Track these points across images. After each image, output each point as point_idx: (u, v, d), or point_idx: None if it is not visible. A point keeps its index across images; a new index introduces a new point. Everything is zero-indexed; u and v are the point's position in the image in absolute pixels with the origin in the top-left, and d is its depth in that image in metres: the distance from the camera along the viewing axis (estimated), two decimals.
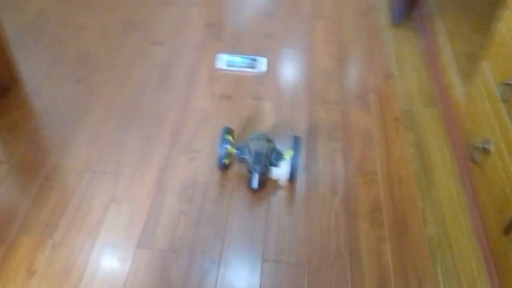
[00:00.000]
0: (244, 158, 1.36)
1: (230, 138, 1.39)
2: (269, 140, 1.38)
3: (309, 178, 1.42)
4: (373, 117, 1.63)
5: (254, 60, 1.82)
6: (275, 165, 1.37)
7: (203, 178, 1.40)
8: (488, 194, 1.23)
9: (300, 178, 1.42)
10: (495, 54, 1.25)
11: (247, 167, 1.36)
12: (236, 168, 1.43)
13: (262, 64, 1.80)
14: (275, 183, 1.41)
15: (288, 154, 1.38)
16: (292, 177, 1.38)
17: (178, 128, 1.55)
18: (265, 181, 1.39)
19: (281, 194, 1.38)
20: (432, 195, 1.39)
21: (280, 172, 1.42)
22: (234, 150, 1.39)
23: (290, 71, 1.81)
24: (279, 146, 1.44)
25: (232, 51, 1.87)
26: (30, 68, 1.74)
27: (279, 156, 1.38)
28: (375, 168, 1.46)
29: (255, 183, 1.33)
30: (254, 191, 1.37)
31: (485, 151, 1.23)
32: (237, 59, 1.82)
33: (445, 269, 1.22)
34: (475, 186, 1.33)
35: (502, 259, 1.14)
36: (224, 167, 1.39)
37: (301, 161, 1.46)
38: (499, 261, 1.16)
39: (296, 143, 1.36)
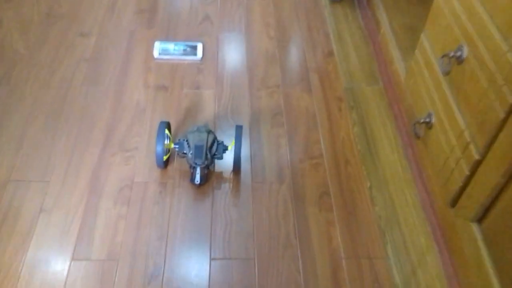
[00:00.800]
0: (185, 153, 1.28)
1: (168, 132, 1.30)
2: (209, 132, 1.30)
3: (255, 167, 1.37)
4: (316, 98, 1.59)
5: (189, 46, 1.72)
6: (218, 157, 1.31)
7: (141, 178, 1.31)
8: (432, 168, 1.22)
9: (245, 168, 1.36)
10: (433, 27, 1.23)
11: (188, 162, 1.29)
12: (176, 164, 1.35)
13: (198, 50, 1.71)
14: (219, 175, 1.34)
15: (231, 145, 1.31)
16: (236, 168, 1.32)
17: (111, 126, 1.44)
18: (209, 175, 1.32)
19: (226, 187, 1.32)
20: (378, 173, 1.37)
21: (224, 164, 1.36)
22: (173, 145, 1.31)
23: (228, 55, 1.73)
24: (222, 137, 1.37)
25: (166, 38, 1.77)
26: None
27: (222, 147, 1.31)
28: (320, 151, 1.42)
29: (197, 177, 1.26)
30: (197, 186, 1.30)
31: (427, 125, 1.22)
32: (171, 46, 1.72)
33: (395, 247, 1.21)
34: (420, 161, 1.32)
35: (450, 232, 1.14)
36: (163, 164, 1.31)
37: (245, 150, 1.40)
38: (447, 235, 1.15)
39: (237, 132, 1.29)
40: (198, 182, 1.26)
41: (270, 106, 1.55)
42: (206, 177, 1.30)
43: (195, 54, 1.70)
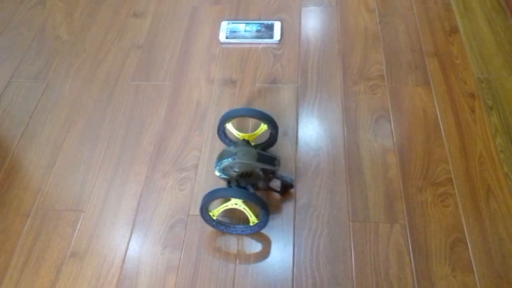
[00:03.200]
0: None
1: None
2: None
3: (352, 199, 0.98)
4: (437, 95, 1.15)
5: (264, 26, 1.34)
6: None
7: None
8: None
9: (344, 203, 0.98)
10: None
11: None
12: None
13: (275, 31, 1.32)
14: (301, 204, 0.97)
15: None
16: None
17: (163, 135, 1.12)
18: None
19: (313, 226, 0.94)
20: None
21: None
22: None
23: (314, 37, 1.33)
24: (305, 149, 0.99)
25: (235, 17, 1.40)
26: None
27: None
28: (448, 174, 1.00)
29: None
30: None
31: None
32: (241, 26, 1.35)
33: None
34: None
35: None
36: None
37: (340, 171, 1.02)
38: None
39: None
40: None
41: (372, 107, 1.14)
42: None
43: (271, 36, 1.32)
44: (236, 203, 0.90)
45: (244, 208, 0.90)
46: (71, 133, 1.14)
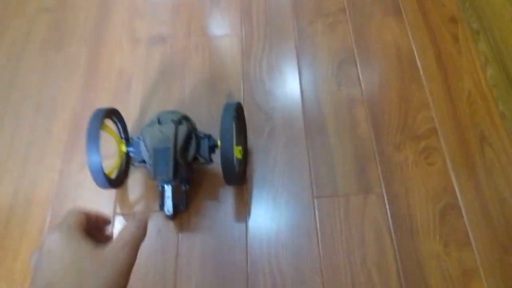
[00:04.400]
0: (143, 161, 0.73)
1: (115, 127, 0.74)
2: (180, 121, 0.71)
3: (315, 169, 0.79)
4: (410, 24, 0.93)
5: None
6: (204, 162, 0.73)
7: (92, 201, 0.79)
8: None
9: (298, 176, 0.78)
10: None
11: (150, 177, 0.76)
12: (141, 179, 0.81)
13: None
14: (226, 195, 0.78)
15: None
16: (229, 180, 0.70)
17: (80, 116, 0.91)
18: (189, 198, 0.77)
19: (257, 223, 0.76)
20: None
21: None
22: (126, 149, 0.75)
23: None
24: (257, 114, 0.79)
25: None
26: None
27: (207, 145, 0.73)
28: (432, 124, 0.80)
29: (167, 204, 0.72)
30: (171, 218, 0.76)
31: None
32: None
33: None
34: None
35: None
36: (108, 183, 0.73)
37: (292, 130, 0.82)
38: None
39: (226, 115, 0.69)
40: (170, 212, 0.72)
41: (334, 49, 0.92)
42: (186, 202, 0.75)
43: None
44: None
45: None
46: None
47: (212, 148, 0.73)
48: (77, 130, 0.88)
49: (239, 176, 0.76)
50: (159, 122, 0.71)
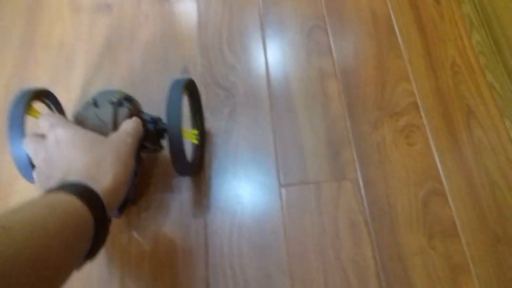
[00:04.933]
0: None
1: (35, 113, 0.62)
2: (121, 102, 0.58)
3: (281, 157, 0.69)
4: None
5: None
6: (154, 149, 0.64)
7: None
8: None
9: (264, 163, 0.69)
10: None
11: None
12: None
13: None
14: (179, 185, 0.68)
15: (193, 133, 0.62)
16: (179, 169, 0.59)
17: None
18: (137, 194, 0.67)
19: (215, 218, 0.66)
20: None
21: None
22: None
23: None
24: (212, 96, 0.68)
25: None
26: None
27: (155, 129, 0.61)
28: (412, 97, 0.71)
29: None
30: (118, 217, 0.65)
31: None
32: None
33: None
34: None
35: None
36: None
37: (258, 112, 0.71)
38: None
39: (173, 95, 0.58)
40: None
41: (302, 15, 0.81)
42: (134, 196, 0.66)
43: None
44: None
45: None
46: None
47: (161, 133, 0.62)
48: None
49: (194, 164, 0.65)
50: (95, 104, 0.59)
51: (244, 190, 0.66)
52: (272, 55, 0.77)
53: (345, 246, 0.61)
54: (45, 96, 0.66)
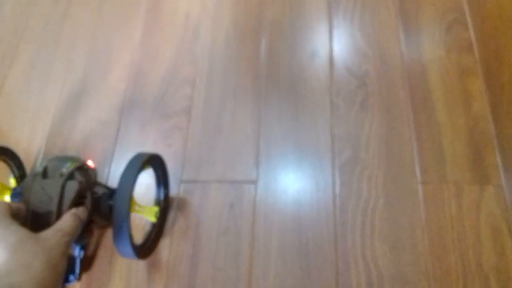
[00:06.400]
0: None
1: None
2: (73, 174, 0.54)
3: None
4: None
5: None
6: (105, 223, 0.60)
7: None
8: None
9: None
10: None
11: None
12: None
13: None
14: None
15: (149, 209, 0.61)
16: (120, 249, 0.54)
17: (139, 69, 0.79)
18: (84, 262, 0.65)
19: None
20: None
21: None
22: (8, 198, 0.60)
23: None
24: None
25: None
26: None
27: (107, 204, 0.58)
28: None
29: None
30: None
31: None
32: None
33: None
34: None
35: None
36: None
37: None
38: None
39: (127, 174, 0.55)
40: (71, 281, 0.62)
41: (441, 8, 0.78)
42: (79, 273, 0.64)
43: None
44: None
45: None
46: (14, 69, 0.82)
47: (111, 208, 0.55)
48: (136, 83, 0.77)
49: (145, 247, 0.61)
50: (44, 175, 0.53)
51: (376, 183, 0.64)
52: (407, 46, 0.74)
53: (487, 253, 0.59)
54: (6, 155, 0.64)
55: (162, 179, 0.65)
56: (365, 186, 0.65)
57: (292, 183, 0.66)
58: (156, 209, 0.60)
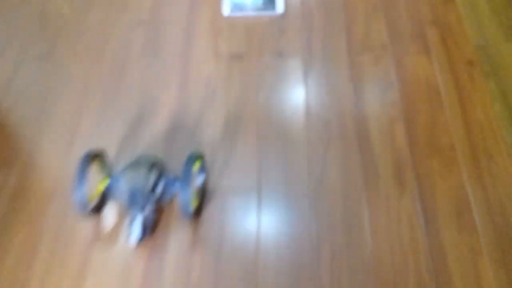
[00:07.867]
0: (117, 196, 0.96)
1: (99, 165, 0.97)
2: (153, 166, 0.95)
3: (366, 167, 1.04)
4: (437, 62, 1.20)
5: None
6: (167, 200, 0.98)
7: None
8: None
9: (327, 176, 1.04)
10: None
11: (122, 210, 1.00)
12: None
13: (278, 3, 1.34)
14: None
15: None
16: (185, 211, 0.92)
17: (178, 114, 1.16)
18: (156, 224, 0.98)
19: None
20: None
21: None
22: (107, 182, 0.96)
23: (317, 10, 1.35)
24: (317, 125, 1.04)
25: None
26: None
27: (171, 190, 0.96)
28: (450, 140, 1.07)
29: (133, 235, 0.90)
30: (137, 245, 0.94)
31: None
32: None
33: None
34: None
35: None
36: (92, 210, 0.95)
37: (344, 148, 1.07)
38: None
39: (188, 165, 0.92)
40: (134, 240, 0.90)
41: (377, 76, 1.19)
42: (148, 232, 0.93)
43: (276, 8, 1.33)
44: None
45: None
46: (86, 117, 1.17)
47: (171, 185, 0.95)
48: (176, 130, 1.13)
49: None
50: (136, 164, 0.95)
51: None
52: (357, 102, 1.14)
53: None
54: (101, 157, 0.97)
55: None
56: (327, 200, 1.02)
57: None
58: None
